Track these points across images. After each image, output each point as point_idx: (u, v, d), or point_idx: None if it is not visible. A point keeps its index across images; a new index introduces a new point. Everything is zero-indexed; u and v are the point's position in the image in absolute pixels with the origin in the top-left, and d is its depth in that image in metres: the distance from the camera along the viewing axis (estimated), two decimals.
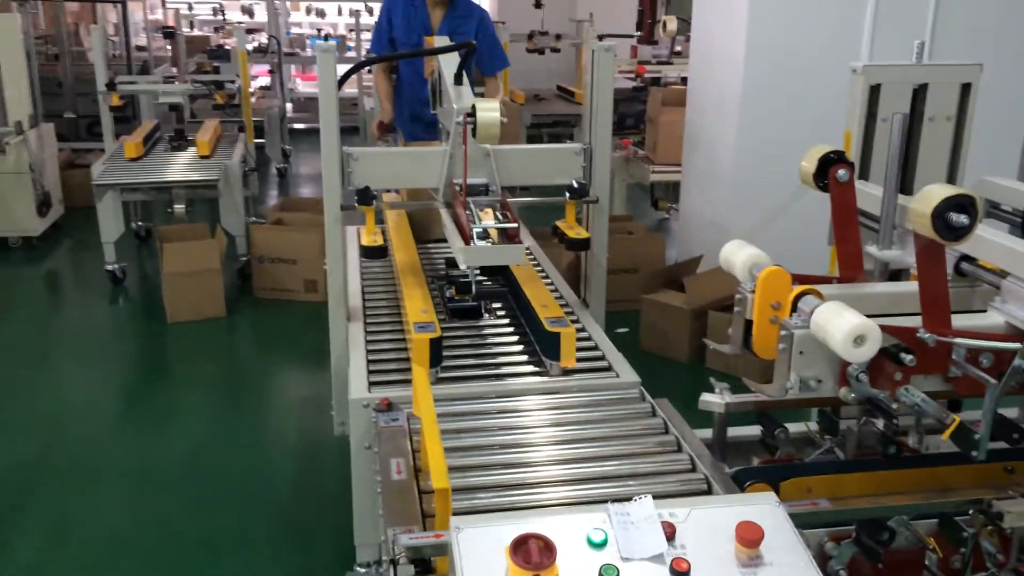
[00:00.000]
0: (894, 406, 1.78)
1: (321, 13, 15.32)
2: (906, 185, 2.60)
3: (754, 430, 2.53)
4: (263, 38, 11.03)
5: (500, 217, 2.78)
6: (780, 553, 1.50)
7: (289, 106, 11.38)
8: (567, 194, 3.04)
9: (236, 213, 5.69)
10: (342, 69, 3.19)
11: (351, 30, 14.74)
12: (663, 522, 1.53)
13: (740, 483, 2.11)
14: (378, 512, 2.08)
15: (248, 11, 14.66)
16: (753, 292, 1.98)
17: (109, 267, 5.65)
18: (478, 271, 2.96)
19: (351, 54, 12.01)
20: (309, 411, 4.16)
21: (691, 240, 5.36)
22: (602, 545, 1.49)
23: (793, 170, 4.77)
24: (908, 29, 4.65)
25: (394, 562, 1.69)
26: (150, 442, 3.79)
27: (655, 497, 2.03)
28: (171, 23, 11.75)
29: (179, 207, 6.00)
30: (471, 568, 1.45)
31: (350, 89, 11.23)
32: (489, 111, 2.67)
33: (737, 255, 2.08)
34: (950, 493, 1.98)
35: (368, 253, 2.92)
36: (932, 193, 1.68)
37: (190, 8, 13.53)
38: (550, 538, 1.46)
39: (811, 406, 2.36)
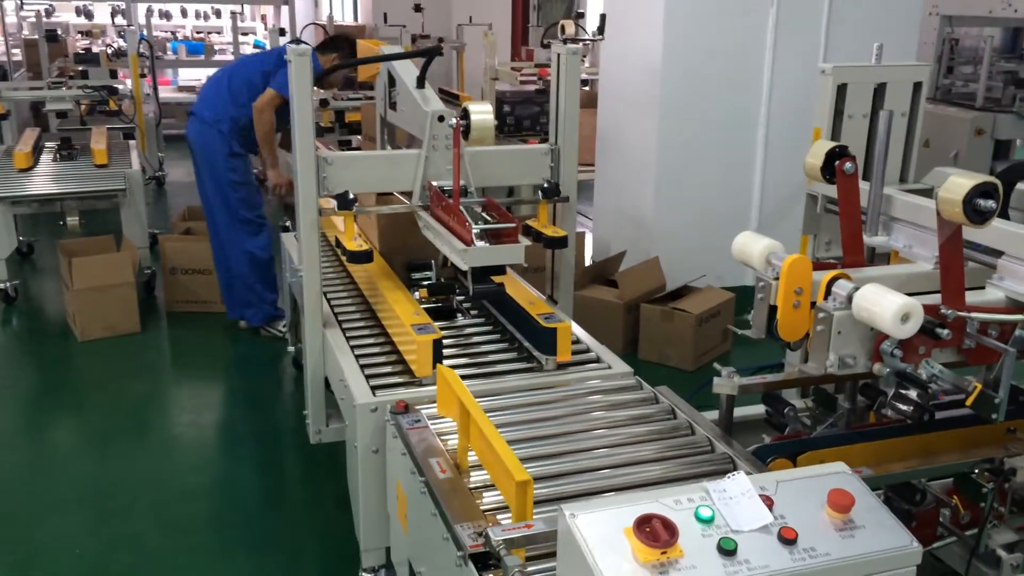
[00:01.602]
0: (923, 377, 1.95)
1: (167, 15, 14.80)
2: (867, 176, 2.81)
3: (748, 410, 2.70)
4: (119, 41, 10.56)
5: (489, 218, 2.82)
6: (867, 516, 1.63)
7: None
8: (540, 193, 3.12)
9: (140, 224, 5.44)
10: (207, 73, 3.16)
11: (199, 32, 14.32)
12: (761, 495, 1.63)
13: (762, 459, 2.25)
14: (429, 512, 2.10)
15: (86, 12, 13.97)
16: (776, 279, 2.10)
17: (1, 285, 5.30)
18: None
19: (219, 57, 11.68)
20: (255, 422, 4.06)
21: (608, 237, 5.54)
22: (710, 521, 1.58)
23: (714, 167, 5.06)
24: (805, 31, 5.00)
25: (495, 555, 1.72)
26: (96, 465, 3.60)
27: (692, 479, 2.16)
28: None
29: (72, 220, 5.68)
30: (600, 550, 1.50)
31: None
32: (483, 113, 2.71)
33: (754, 246, 2.20)
34: (950, 455, 2.18)
35: (354, 258, 2.90)
36: (960, 183, 1.86)
37: (21, 8, 12.66)
38: (669, 517, 1.54)
39: (818, 384, 2.52)
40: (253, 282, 4.77)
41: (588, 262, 5.62)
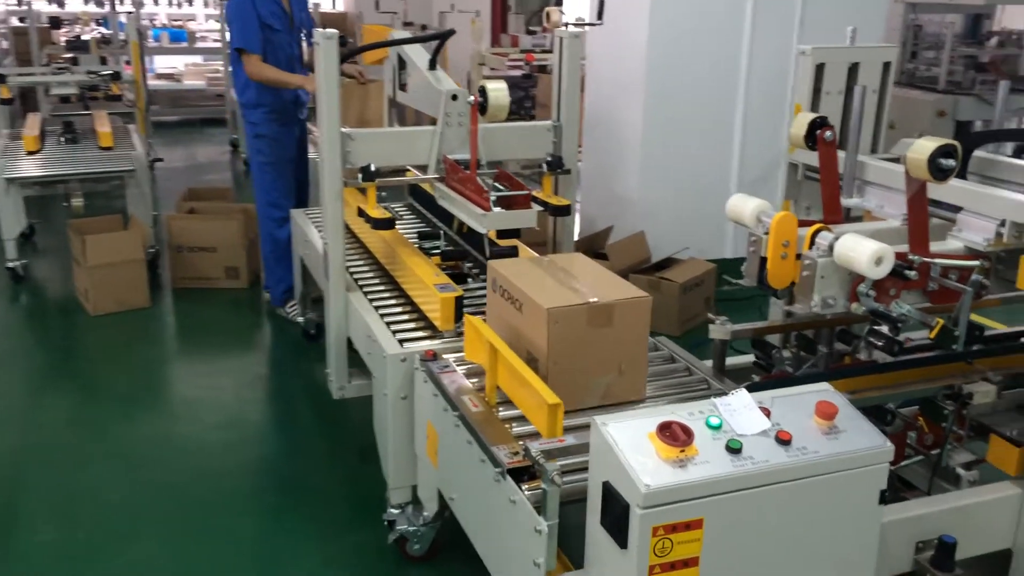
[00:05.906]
0: (894, 315, 2.25)
1: (139, 3, 14.83)
2: (843, 146, 3.11)
3: (737, 359, 2.99)
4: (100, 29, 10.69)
5: (501, 187, 3.10)
6: (848, 423, 1.93)
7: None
8: (544, 166, 3.40)
9: (145, 204, 5.67)
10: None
11: (176, 20, 14.40)
12: (760, 407, 1.93)
13: None
14: (464, 441, 2.38)
15: (58, 1, 14.01)
16: (766, 234, 2.40)
17: (11, 264, 5.50)
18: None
19: (201, 45, 11.91)
20: (270, 386, 4.31)
21: (594, 214, 5.83)
22: (719, 427, 1.88)
23: (695, 145, 5.37)
24: (781, 13, 5.32)
25: (535, 464, 2.00)
26: (124, 425, 3.82)
27: None
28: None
29: (77, 201, 5.90)
30: (628, 450, 1.79)
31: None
32: (499, 91, 2.99)
33: (745, 206, 2.49)
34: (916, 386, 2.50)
35: (378, 225, 3.16)
36: (924, 145, 2.16)
37: None
38: (685, 423, 1.84)
39: (800, 330, 2.82)
40: (274, 263, 4.96)
41: (575, 238, 5.90)
